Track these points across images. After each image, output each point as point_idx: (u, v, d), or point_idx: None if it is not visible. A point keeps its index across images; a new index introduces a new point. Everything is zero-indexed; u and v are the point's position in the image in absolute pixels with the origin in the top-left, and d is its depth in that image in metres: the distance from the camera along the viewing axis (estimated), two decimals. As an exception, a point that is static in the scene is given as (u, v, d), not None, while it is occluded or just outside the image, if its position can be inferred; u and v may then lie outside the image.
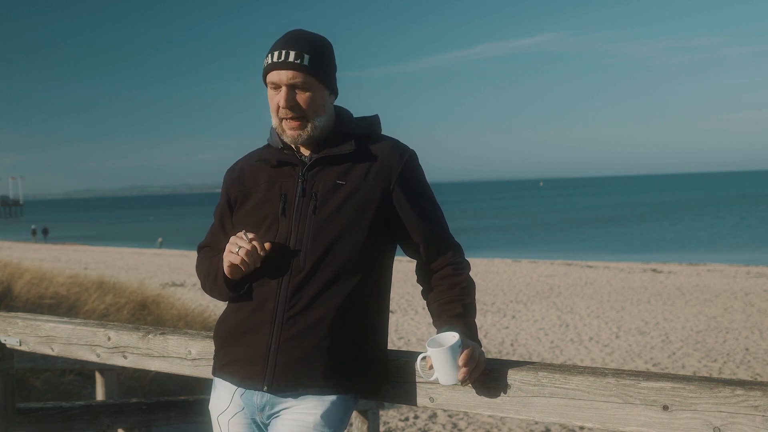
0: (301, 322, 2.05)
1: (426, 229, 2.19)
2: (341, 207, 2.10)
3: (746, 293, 17.99)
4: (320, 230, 2.09)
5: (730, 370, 10.59)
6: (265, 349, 2.06)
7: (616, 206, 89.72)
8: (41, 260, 24.51)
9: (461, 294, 2.15)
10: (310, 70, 2.10)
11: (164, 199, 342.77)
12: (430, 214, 2.20)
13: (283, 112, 2.12)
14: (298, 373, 2.05)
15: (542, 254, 33.50)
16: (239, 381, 2.12)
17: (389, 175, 2.14)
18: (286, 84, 2.10)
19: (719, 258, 29.80)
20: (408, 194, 2.16)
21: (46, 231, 60.93)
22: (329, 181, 2.12)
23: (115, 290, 10.46)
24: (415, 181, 2.19)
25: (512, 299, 18.00)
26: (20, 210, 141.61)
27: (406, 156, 2.19)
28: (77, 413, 3.65)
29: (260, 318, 2.09)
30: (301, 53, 2.09)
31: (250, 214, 2.18)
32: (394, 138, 2.25)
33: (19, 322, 3.16)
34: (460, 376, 1.98)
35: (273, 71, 2.12)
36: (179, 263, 28.48)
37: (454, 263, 2.21)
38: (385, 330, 2.22)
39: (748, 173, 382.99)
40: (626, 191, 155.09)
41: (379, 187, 2.13)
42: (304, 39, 2.14)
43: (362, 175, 2.13)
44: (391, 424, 7.69)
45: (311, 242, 2.08)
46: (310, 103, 2.12)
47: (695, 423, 1.77)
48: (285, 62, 2.09)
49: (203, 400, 4.59)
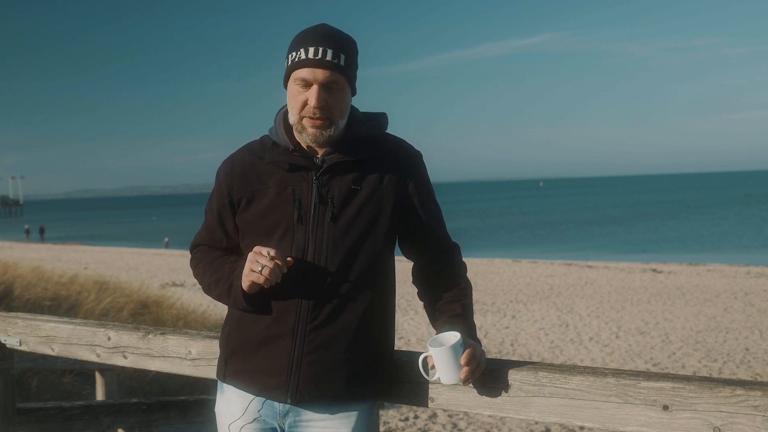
0: (323, 334, 2.04)
1: (429, 230, 2.19)
2: (359, 214, 2.06)
3: (746, 293, 17.98)
4: (339, 239, 2.05)
5: (730, 370, 10.59)
6: (287, 361, 2.04)
7: (617, 206, 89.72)
8: (41, 260, 24.50)
9: (460, 294, 2.15)
10: (346, 71, 2.04)
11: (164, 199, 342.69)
12: (434, 215, 2.21)
13: (312, 111, 2.02)
14: (322, 385, 2.04)
15: (542, 254, 33.49)
16: (258, 391, 2.10)
17: (403, 179, 2.13)
18: (321, 83, 2.02)
19: (719, 258, 29.79)
20: (419, 197, 2.16)
21: (43, 230, 60.75)
22: (345, 187, 2.07)
23: (115, 290, 10.46)
24: (424, 183, 2.19)
25: (512, 299, 17.99)
26: (20, 210, 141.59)
27: (417, 159, 2.19)
28: (77, 413, 3.65)
29: (281, 330, 2.05)
30: (338, 53, 2.02)
31: (260, 219, 2.10)
32: (400, 138, 2.23)
33: (19, 322, 3.16)
34: (463, 375, 1.98)
35: (306, 68, 2.02)
36: (179, 263, 28.47)
37: (453, 264, 2.20)
38: (394, 332, 2.22)
39: (748, 173, 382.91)
40: (626, 191, 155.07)
41: (393, 192, 2.11)
42: (340, 38, 2.06)
43: (377, 179, 2.10)
44: (391, 424, 7.69)
45: (331, 252, 2.04)
46: (340, 104, 2.05)
47: (695, 423, 1.77)
48: (323, 60, 2.01)
49: (203, 400, 4.58)
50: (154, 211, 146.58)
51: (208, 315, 10.99)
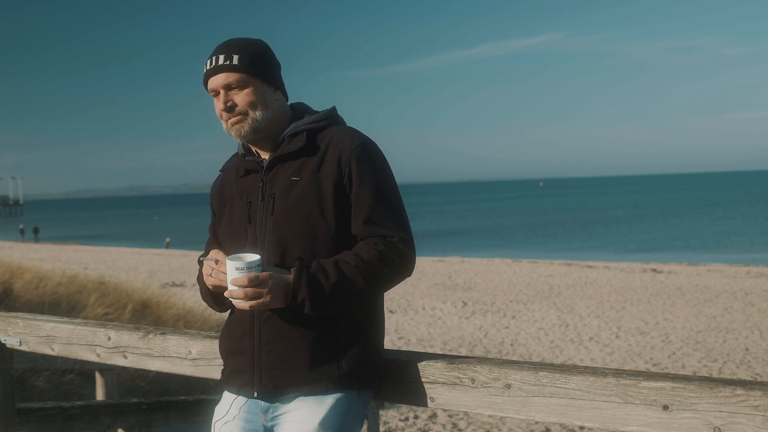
0: (274, 326, 2.08)
1: (372, 205, 2.08)
2: (297, 204, 2.08)
3: (746, 293, 17.98)
4: (279, 230, 2.08)
5: (730, 370, 10.59)
6: (250, 355, 2.11)
7: (617, 206, 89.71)
8: (41, 260, 24.51)
9: (365, 248, 2.05)
10: (241, 67, 2.11)
11: (164, 199, 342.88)
12: (380, 194, 2.10)
13: (225, 115, 2.14)
14: (282, 375, 2.07)
15: (542, 254, 33.50)
16: (237, 390, 2.17)
17: (340, 163, 2.09)
18: (222, 87, 2.12)
19: (719, 258, 29.80)
20: (360, 178, 2.08)
21: (36, 230, 60.78)
22: (284, 180, 2.12)
23: (115, 290, 10.46)
24: (368, 166, 2.10)
25: (512, 299, 17.99)
26: (20, 210, 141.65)
27: (357, 143, 2.12)
28: (77, 413, 3.65)
29: (242, 328, 2.15)
30: (230, 55, 2.12)
31: (226, 225, 2.22)
32: (352, 129, 2.20)
33: (19, 322, 3.16)
34: (228, 292, 1.99)
35: (208, 79, 2.15)
36: (179, 263, 28.47)
37: (389, 238, 2.07)
38: (378, 324, 2.18)
39: (748, 173, 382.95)
40: (627, 191, 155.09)
41: (332, 177, 2.08)
42: (232, 43, 2.16)
43: (316, 167, 2.10)
44: (391, 424, 7.69)
45: (271, 245, 2.08)
46: (248, 98, 2.12)
47: (695, 423, 1.77)
48: (215, 67, 2.12)
49: (203, 400, 4.59)
50: (154, 211, 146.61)
51: (209, 315, 10.98)
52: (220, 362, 2.54)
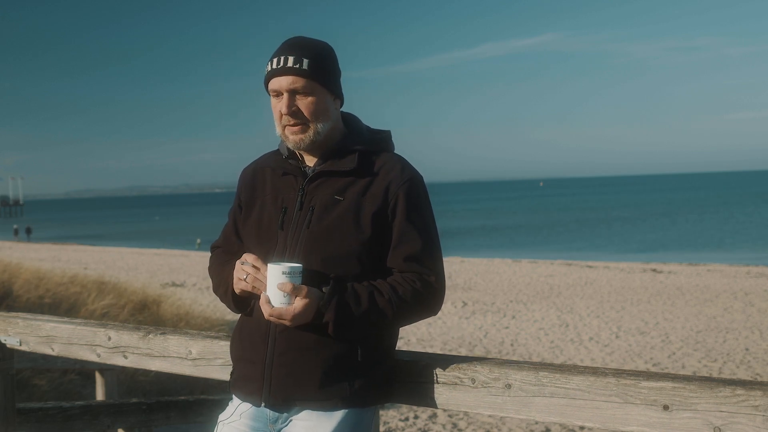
0: (292, 338, 2.04)
1: (416, 243, 2.07)
2: (336, 223, 2.05)
3: (746, 293, 17.98)
4: (313, 245, 2.05)
5: (730, 370, 10.59)
6: (261, 365, 2.08)
7: (617, 206, 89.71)
8: (41, 260, 24.52)
9: (399, 280, 2.05)
10: (310, 73, 2.06)
11: (164, 199, 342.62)
12: (425, 233, 2.09)
13: (286, 119, 2.08)
14: (293, 388, 2.04)
15: (542, 254, 33.48)
16: (243, 397, 2.15)
17: (388, 193, 2.07)
18: (287, 90, 2.07)
19: (719, 258, 29.79)
20: (407, 212, 2.08)
21: (29, 230, 60.83)
22: (327, 196, 2.08)
23: (115, 290, 10.47)
24: (414, 201, 2.09)
25: (512, 299, 17.99)
26: (20, 210, 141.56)
27: (407, 176, 2.11)
28: (77, 413, 3.66)
29: (258, 335, 2.10)
30: (300, 58, 2.06)
31: (255, 225, 2.17)
32: (404, 159, 2.18)
33: (19, 322, 3.16)
34: (264, 299, 1.98)
35: (273, 78, 2.09)
36: (179, 263, 28.48)
37: (425, 276, 2.07)
38: (394, 341, 2.17)
39: (749, 173, 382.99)
40: (627, 191, 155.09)
41: (375, 204, 2.06)
42: (303, 44, 2.11)
43: (361, 191, 2.07)
44: (391, 424, 7.69)
45: (301, 257, 2.04)
46: (312, 107, 2.07)
47: (695, 423, 1.77)
48: (284, 68, 2.06)
49: (203, 400, 4.59)
50: (155, 211, 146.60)
51: (209, 315, 11.00)
52: (221, 362, 2.53)
